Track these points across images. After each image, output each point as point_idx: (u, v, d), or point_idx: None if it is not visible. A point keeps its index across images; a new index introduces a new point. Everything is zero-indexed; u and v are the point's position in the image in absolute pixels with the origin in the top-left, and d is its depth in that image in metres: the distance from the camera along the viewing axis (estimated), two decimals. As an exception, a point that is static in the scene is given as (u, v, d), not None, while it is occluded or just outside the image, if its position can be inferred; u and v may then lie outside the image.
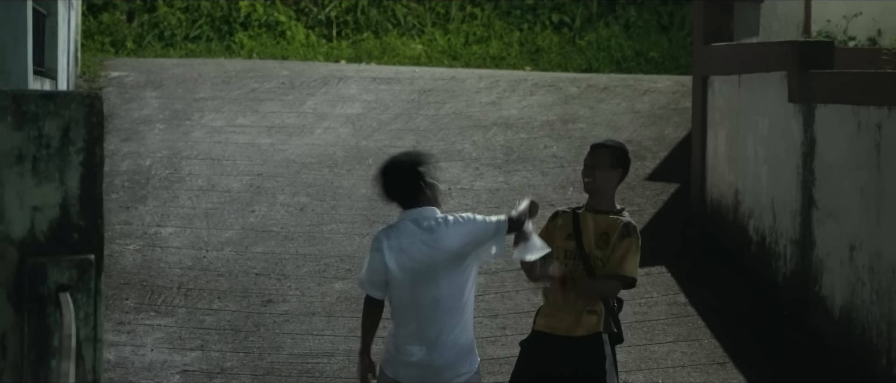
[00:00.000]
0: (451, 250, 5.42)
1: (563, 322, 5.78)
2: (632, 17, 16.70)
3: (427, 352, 5.47)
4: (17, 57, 9.32)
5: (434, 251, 5.42)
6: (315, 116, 12.43)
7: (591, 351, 5.78)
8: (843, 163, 8.23)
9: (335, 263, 9.59)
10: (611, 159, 5.81)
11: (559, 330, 5.80)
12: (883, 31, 11.71)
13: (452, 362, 5.48)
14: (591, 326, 5.77)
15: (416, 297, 5.47)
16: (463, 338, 5.51)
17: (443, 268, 5.43)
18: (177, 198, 10.60)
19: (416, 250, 5.45)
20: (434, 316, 5.45)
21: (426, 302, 5.45)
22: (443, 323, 5.46)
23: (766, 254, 9.38)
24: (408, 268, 5.46)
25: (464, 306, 5.50)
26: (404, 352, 5.51)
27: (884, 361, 7.58)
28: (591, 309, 5.77)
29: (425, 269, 5.43)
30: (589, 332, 5.77)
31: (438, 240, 5.43)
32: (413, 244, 5.46)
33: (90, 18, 15.99)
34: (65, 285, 2.18)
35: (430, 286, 5.44)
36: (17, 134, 2.15)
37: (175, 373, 8.01)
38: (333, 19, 16.63)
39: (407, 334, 5.51)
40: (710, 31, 10.95)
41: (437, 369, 5.48)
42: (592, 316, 5.78)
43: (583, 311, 5.76)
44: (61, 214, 2.19)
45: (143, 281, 9.25)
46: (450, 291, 5.46)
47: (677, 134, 11.86)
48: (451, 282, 5.45)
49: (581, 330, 5.76)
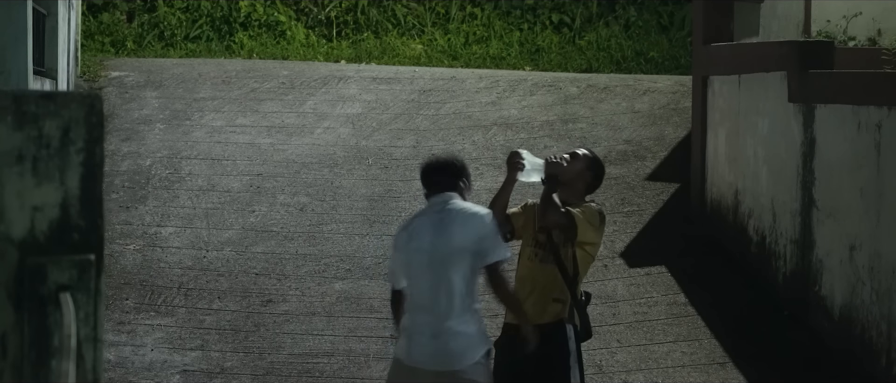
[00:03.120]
0: (457, 240, 5.55)
1: (529, 310, 5.94)
2: (632, 17, 16.70)
3: (436, 339, 5.54)
4: (17, 57, 9.33)
5: (442, 238, 5.55)
6: (315, 116, 12.43)
7: (554, 338, 5.95)
8: (843, 163, 8.23)
9: (335, 263, 9.60)
10: (586, 162, 6.18)
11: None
12: (883, 31, 11.70)
13: (461, 349, 5.54)
14: (556, 313, 5.97)
15: (425, 283, 5.57)
16: (472, 326, 5.59)
17: (453, 256, 5.53)
18: (177, 198, 10.60)
19: (426, 235, 5.58)
20: (445, 302, 5.53)
21: (435, 288, 5.54)
22: (451, 311, 5.54)
23: (765, 253, 9.38)
24: (418, 253, 5.56)
25: (472, 293, 5.59)
26: (415, 343, 5.59)
27: (884, 361, 7.58)
28: (556, 298, 5.97)
29: (435, 255, 5.53)
30: (553, 320, 5.96)
31: (448, 228, 5.57)
32: (425, 229, 5.60)
33: (90, 18, 15.99)
34: (65, 285, 2.18)
35: (438, 272, 5.53)
36: (17, 134, 2.15)
37: (175, 373, 8.02)
38: (333, 19, 16.63)
39: (418, 323, 5.60)
40: (710, 31, 10.95)
41: (446, 355, 5.54)
42: (557, 305, 5.98)
43: (549, 299, 5.96)
44: (61, 214, 2.19)
45: (143, 281, 9.25)
46: (458, 279, 5.54)
47: (677, 134, 11.86)
48: (460, 270, 5.54)
49: (546, 317, 5.96)
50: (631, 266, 9.64)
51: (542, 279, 5.98)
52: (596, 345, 8.17)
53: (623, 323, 8.82)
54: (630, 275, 9.49)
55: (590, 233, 5.98)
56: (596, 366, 8.09)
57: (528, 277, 6.05)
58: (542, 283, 5.98)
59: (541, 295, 5.96)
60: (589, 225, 5.96)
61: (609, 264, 9.47)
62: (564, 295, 5.97)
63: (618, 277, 9.43)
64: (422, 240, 5.61)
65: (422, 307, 5.62)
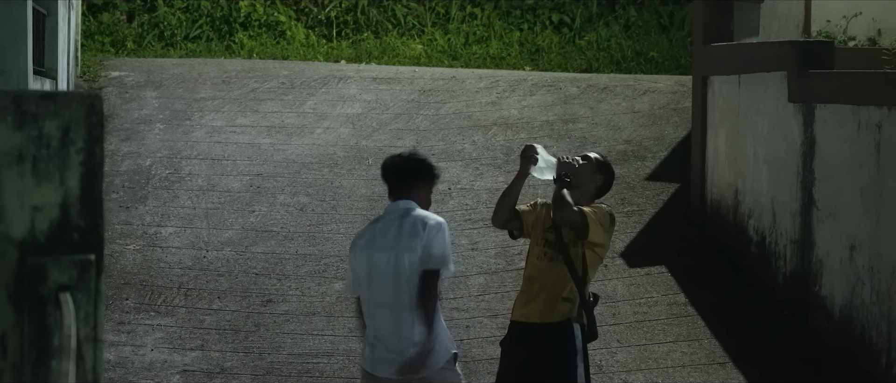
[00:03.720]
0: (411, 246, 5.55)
1: (537, 309, 5.98)
2: (632, 17, 16.69)
3: (395, 347, 5.53)
4: (17, 57, 9.33)
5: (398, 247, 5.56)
6: (315, 116, 12.43)
7: (563, 336, 5.95)
8: (843, 163, 8.23)
9: (335, 263, 9.60)
10: (597, 166, 6.22)
11: (534, 318, 6.01)
12: (883, 31, 11.70)
13: (422, 357, 5.55)
14: (565, 313, 5.97)
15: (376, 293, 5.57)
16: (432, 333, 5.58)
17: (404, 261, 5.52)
18: (177, 198, 10.60)
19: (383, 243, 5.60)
20: (405, 311, 5.53)
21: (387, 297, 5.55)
22: (406, 318, 5.53)
23: (766, 254, 9.38)
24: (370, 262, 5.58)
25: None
26: (375, 350, 5.59)
27: (884, 361, 7.58)
28: (565, 297, 5.96)
29: (391, 264, 5.52)
30: (563, 319, 5.95)
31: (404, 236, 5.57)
32: (382, 236, 5.62)
33: (90, 18, 15.99)
34: (65, 285, 2.18)
35: (390, 280, 5.53)
36: (17, 134, 2.15)
37: (175, 373, 8.02)
38: (333, 19, 16.62)
39: (376, 330, 5.60)
40: (710, 31, 10.95)
41: (407, 364, 5.55)
42: (567, 304, 5.97)
43: (558, 298, 5.95)
44: (61, 214, 2.19)
45: (143, 281, 9.25)
46: (409, 288, 5.53)
47: (677, 134, 11.86)
48: (411, 276, 5.53)
49: (555, 317, 5.96)
50: (631, 266, 9.64)
51: (551, 278, 5.98)
52: (596, 345, 8.16)
53: (623, 323, 8.82)
54: (630, 275, 9.49)
55: (600, 234, 5.98)
56: (596, 366, 8.09)
57: (537, 276, 6.04)
58: (552, 283, 5.98)
59: (550, 294, 5.96)
60: (599, 225, 5.97)
61: (609, 264, 9.46)
62: (574, 294, 5.97)
63: (618, 277, 9.43)
64: (378, 249, 5.60)
65: (382, 316, 5.60)
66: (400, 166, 5.75)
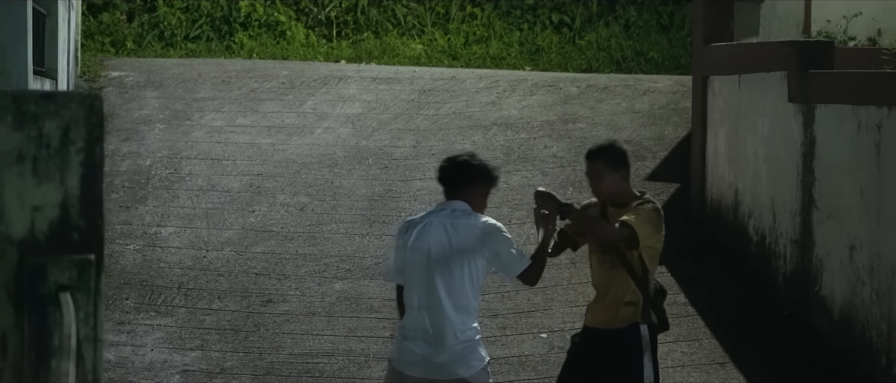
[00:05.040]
0: (462, 247, 5.49)
1: (602, 315, 5.91)
2: (632, 17, 16.70)
3: (430, 348, 5.48)
4: (17, 57, 9.32)
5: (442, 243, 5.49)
6: (315, 116, 12.43)
7: (627, 342, 5.86)
8: (843, 163, 8.23)
9: (335, 263, 9.59)
10: (609, 165, 5.93)
11: (600, 324, 5.94)
12: (883, 31, 11.70)
13: (456, 359, 5.49)
14: (628, 318, 5.87)
15: (422, 289, 5.52)
16: (468, 336, 5.53)
17: (453, 262, 5.48)
18: (177, 198, 10.60)
19: (429, 238, 5.51)
20: (439, 310, 5.48)
21: (432, 295, 5.49)
22: (447, 319, 5.48)
23: (766, 253, 9.38)
24: (421, 255, 5.51)
25: (469, 303, 5.54)
26: (408, 348, 5.53)
27: (884, 361, 7.58)
28: (628, 301, 5.87)
29: (437, 259, 5.48)
30: (627, 324, 5.86)
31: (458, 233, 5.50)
32: (429, 231, 5.54)
33: (90, 18, 15.99)
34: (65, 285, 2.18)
35: (438, 278, 5.48)
36: (17, 134, 2.15)
37: (175, 373, 8.01)
38: (333, 19, 16.63)
39: (412, 328, 5.55)
40: (710, 31, 10.96)
41: (440, 365, 5.48)
42: (629, 308, 5.88)
43: (620, 303, 5.87)
44: (61, 214, 2.19)
45: (143, 281, 9.25)
46: (457, 286, 5.49)
47: (677, 134, 11.86)
48: (458, 278, 5.49)
49: (619, 323, 5.88)
50: (631, 266, 9.63)
51: (614, 284, 5.87)
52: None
53: (623, 323, 8.80)
54: (630, 275, 9.48)
55: (650, 236, 5.81)
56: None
57: (601, 283, 5.95)
58: (615, 288, 5.87)
59: (613, 300, 5.86)
60: (646, 225, 5.78)
61: (609, 264, 9.46)
62: (636, 296, 5.86)
63: (618, 277, 9.42)
64: (423, 242, 5.55)
65: (417, 311, 5.56)
66: (450, 170, 5.73)
